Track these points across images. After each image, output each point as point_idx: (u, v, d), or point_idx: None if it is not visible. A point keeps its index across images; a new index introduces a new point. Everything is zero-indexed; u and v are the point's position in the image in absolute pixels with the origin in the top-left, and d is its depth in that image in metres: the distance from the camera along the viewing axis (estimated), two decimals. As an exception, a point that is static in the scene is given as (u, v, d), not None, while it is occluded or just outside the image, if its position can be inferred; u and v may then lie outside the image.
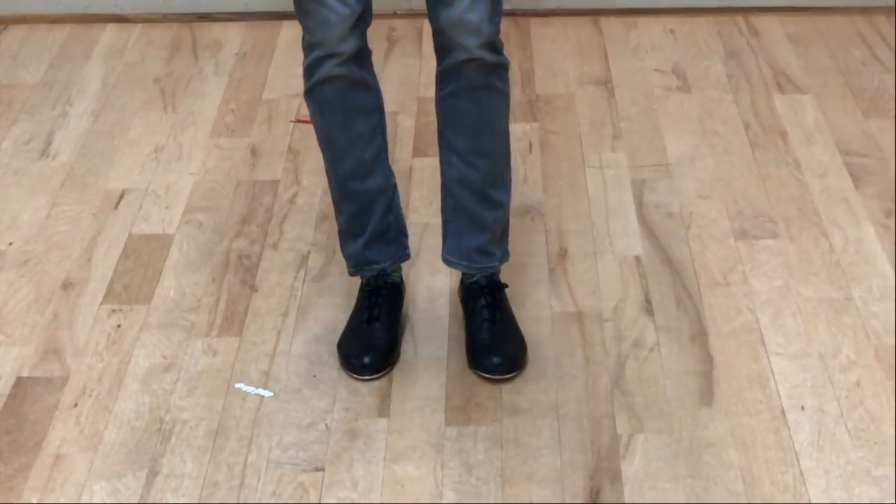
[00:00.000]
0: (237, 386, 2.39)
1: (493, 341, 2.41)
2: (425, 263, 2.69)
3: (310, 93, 2.30)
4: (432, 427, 2.29)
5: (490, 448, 2.25)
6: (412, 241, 2.59)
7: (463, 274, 2.48)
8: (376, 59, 2.39)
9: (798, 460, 2.21)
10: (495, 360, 2.39)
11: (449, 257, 2.45)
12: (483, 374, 2.39)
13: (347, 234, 2.45)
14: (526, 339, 2.45)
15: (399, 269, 2.51)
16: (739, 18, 3.62)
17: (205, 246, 2.76)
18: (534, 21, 3.63)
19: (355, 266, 2.48)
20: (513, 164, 2.91)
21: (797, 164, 2.98)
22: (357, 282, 2.51)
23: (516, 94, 3.28)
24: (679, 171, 2.97)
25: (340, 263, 2.65)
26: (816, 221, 2.79)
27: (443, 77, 2.28)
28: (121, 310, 2.58)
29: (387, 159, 2.40)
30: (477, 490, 2.17)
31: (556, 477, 2.19)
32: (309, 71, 2.28)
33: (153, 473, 2.21)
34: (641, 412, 2.31)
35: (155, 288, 2.63)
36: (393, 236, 2.45)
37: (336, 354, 2.43)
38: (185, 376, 2.41)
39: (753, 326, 2.51)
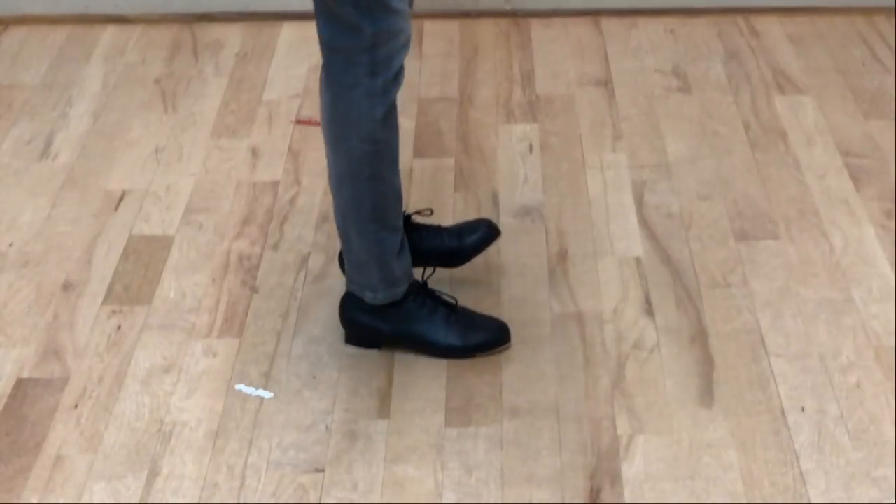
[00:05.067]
0: (237, 387, 2.39)
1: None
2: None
3: (391, 106, 2.19)
4: (432, 428, 2.29)
5: (490, 449, 2.25)
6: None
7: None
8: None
9: (798, 461, 2.21)
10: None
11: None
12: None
13: (401, 250, 2.35)
14: (526, 339, 2.46)
15: None
16: (739, 19, 3.61)
17: (205, 247, 2.75)
18: (534, 21, 3.63)
19: (407, 278, 2.39)
20: (513, 164, 2.91)
21: (797, 165, 2.98)
22: None
23: (517, 94, 3.28)
24: (679, 171, 2.97)
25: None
26: (816, 222, 2.79)
27: None
28: (121, 311, 2.58)
29: None
30: (477, 491, 2.17)
31: (556, 478, 2.19)
32: (395, 79, 2.16)
33: (153, 474, 2.21)
34: (641, 413, 2.31)
35: (155, 289, 2.63)
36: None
37: (336, 357, 2.44)
38: (185, 377, 2.41)
39: (753, 327, 2.50)
